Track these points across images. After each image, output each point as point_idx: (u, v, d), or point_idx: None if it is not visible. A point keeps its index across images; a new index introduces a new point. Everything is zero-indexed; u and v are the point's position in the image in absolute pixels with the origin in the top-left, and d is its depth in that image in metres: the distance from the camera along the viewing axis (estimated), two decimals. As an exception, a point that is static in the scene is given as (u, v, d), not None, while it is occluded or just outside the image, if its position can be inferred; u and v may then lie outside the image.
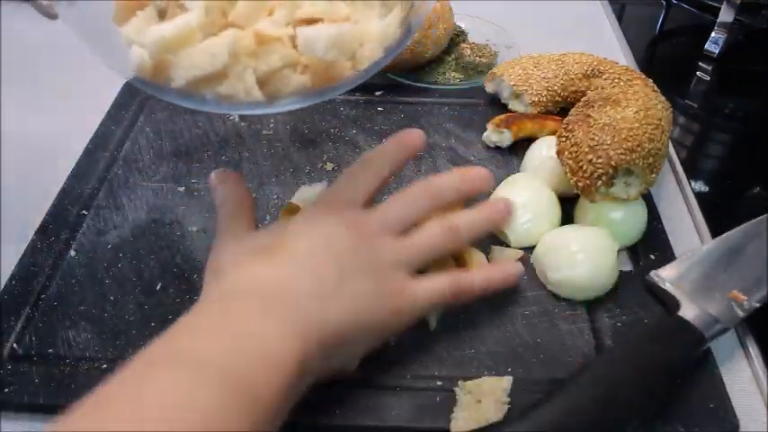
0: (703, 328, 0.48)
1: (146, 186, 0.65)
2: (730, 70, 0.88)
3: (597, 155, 0.54)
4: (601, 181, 0.54)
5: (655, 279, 0.54)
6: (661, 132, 0.56)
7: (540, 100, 0.69)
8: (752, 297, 0.51)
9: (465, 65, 0.80)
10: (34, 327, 0.52)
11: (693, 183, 0.67)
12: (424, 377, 0.48)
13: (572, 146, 0.57)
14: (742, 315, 0.50)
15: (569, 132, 0.58)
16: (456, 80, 0.79)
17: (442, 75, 0.79)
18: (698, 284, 0.52)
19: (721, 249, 0.55)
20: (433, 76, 0.79)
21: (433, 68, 0.80)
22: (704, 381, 0.48)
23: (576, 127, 0.57)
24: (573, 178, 0.56)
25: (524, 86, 0.70)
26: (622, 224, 0.56)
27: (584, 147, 0.55)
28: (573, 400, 0.43)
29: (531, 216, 0.57)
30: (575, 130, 0.57)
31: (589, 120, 0.57)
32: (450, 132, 0.71)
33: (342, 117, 0.73)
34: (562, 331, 0.51)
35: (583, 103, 0.61)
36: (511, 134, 0.67)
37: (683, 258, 0.55)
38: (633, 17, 1.00)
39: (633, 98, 0.58)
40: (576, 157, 0.56)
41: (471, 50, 0.81)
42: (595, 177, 0.54)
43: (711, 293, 0.51)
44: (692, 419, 0.45)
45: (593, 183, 0.55)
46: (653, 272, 0.54)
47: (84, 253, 0.58)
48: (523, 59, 0.73)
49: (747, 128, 0.80)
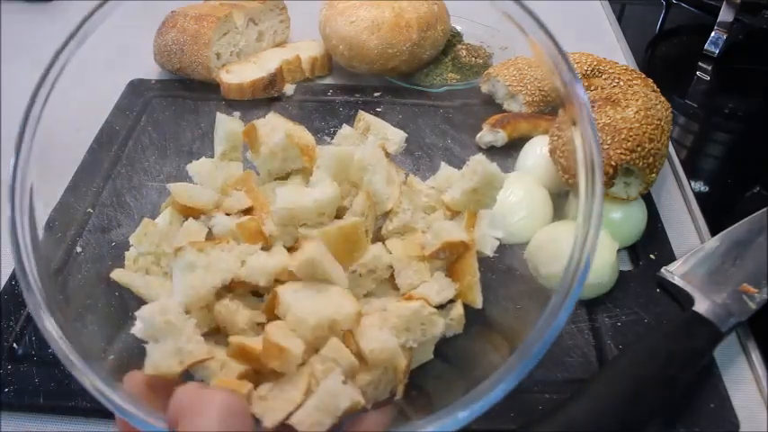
0: (719, 323, 0.48)
1: (149, 185, 0.65)
2: (730, 70, 0.88)
3: None
4: None
5: (666, 275, 0.54)
6: (661, 132, 0.56)
7: (535, 100, 0.69)
8: (763, 289, 0.51)
9: (461, 65, 0.80)
10: (34, 327, 0.52)
11: (693, 183, 0.67)
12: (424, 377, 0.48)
13: (563, 144, 0.57)
14: (754, 308, 0.50)
15: (561, 131, 0.58)
16: (453, 81, 0.79)
17: (439, 76, 0.79)
18: (708, 279, 0.52)
19: (727, 243, 0.55)
20: (430, 77, 0.79)
21: (431, 70, 0.80)
22: (704, 381, 0.48)
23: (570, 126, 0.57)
24: (565, 176, 0.56)
25: (519, 87, 0.70)
26: (622, 224, 0.56)
27: None
28: (598, 398, 0.43)
29: (526, 213, 0.57)
30: (567, 128, 0.57)
31: None
32: (446, 133, 0.71)
33: (341, 117, 0.73)
34: (562, 331, 0.51)
35: None
36: (506, 134, 0.67)
37: (692, 253, 0.55)
38: (633, 17, 1.00)
39: (633, 98, 0.58)
40: (568, 156, 0.56)
41: (467, 51, 0.82)
42: None
43: (722, 287, 0.51)
44: (692, 419, 0.45)
45: None
46: (663, 268, 0.54)
47: (84, 253, 0.58)
48: (518, 60, 0.73)
49: (747, 128, 0.80)
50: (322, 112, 0.74)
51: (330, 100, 0.76)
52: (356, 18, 0.74)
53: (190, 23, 0.76)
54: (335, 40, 0.75)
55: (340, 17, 0.75)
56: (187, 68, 0.76)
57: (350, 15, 0.74)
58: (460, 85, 0.78)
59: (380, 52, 0.74)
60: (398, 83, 0.78)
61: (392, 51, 0.74)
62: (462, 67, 0.80)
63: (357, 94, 0.77)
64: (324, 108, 0.75)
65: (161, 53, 0.78)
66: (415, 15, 0.74)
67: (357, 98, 0.76)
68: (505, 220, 0.57)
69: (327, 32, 0.76)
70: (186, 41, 0.75)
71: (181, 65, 0.77)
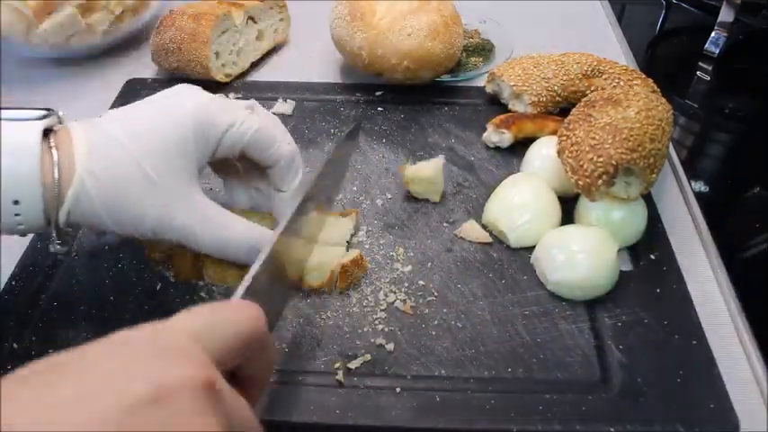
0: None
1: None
2: (730, 70, 0.88)
3: (598, 154, 0.54)
4: (601, 180, 0.54)
5: None
6: (662, 133, 0.56)
7: (540, 100, 0.69)
8: None
9: (474, 48, 0.82)
10: (34, 327, 0.52)
11: (693, 183, 0.67)
12: (424, 377, 0.49)
13: (572, 145, 0.57)
14: None
15: (570, 132, 0.58)
16: (478, 64, 0.81)
17: (467, 64, 0.81)
18: None
19: None
20: (463, 67, 0.81)
21: (461, 60, 0.81)
22: (704, 381, 0.48)
23: (577, 126, 0.57)
24: (573, 177, 0.56)
25: (524, 87, 0.70)
26: (622, 224, 0.56)
27: (585, 146, 0.55)
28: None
29: (531, 216, 0.57)
30: (576, 129, 0.57)
31: (590, 119, 0.57)
32: (449, 132, 0.71)
33: (342, 117, 0.73)
34: (562, 331, 0.51)
35: (584, 102, 0.61)
36: (511, 134, 0.67)
37: None
38: (633, 17, 1.00)
39: (634, 99, 0.58)
40: (576, 156, 0.56)
41: (473, 36, 0.85)
42: (596, 176, 0.54)
43: None
44: (692, 419, 0.45)
45: (593, 182, 0.55)
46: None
47: (84, 253, 0.58)
48: (523, 59, 0.73)
49: (747, 128, 0.80)
50: (323, 112, 0.74)
51: (331, 99, 0.76)
52: (411, 29, 0.70)
53: (188, 22, 0.76)
54: (396, 58, 0.70)
55: (390, 34, 0.70)
56: (185, 67, 0.76)
57: (401, 29, 0.70)
58: (485, 66, 0.80)
59: (446, 55, 0.72)
60: (448, 81, 0.78)
61: (453, 51, 0.73)
62: (476, 49, 0.82)
63: (358, 93, 0.76)
64: (324, 108, 0.75)
65: (158, 52, 0.78)
66: (449, 9, 0.74)
67: (359, 97, 0.76)
68: (510, 222, 0.57)
69: (381, 53, 0.71)
70: (184, 40, 0.75)
71: (178, 64, 0.76)
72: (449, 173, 0.66)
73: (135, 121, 0.46)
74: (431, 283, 0.55)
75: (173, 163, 0.45)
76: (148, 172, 0.44)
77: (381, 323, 0.52)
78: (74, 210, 0.43)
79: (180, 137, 0.45)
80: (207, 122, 0.46)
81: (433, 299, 0.54)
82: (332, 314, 0.53)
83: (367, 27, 0.72)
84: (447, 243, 0.59)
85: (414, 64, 0.71)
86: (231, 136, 0.48)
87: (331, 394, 0.47)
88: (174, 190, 0.45)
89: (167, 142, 0.45)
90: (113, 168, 0.44)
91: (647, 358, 0.49)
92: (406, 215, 0.62)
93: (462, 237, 0.59)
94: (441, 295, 0.54)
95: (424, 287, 0.55)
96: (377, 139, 0.70)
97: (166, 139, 0.45)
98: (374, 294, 0.54)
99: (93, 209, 0.44)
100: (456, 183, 0.65)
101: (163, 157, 0.45)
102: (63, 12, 0.77)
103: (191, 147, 0.46)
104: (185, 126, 0.46)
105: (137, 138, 0.44)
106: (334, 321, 0.52)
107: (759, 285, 0.60)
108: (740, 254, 0.64)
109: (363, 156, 0.68)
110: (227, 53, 0.78)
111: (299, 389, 0.48)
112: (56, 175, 0.42)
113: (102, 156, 0.44)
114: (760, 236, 0.65)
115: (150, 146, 0.45)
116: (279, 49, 0.87)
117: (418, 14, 0.71)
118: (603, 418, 0.46)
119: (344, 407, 0.46)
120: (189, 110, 0.46)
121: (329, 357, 0.50)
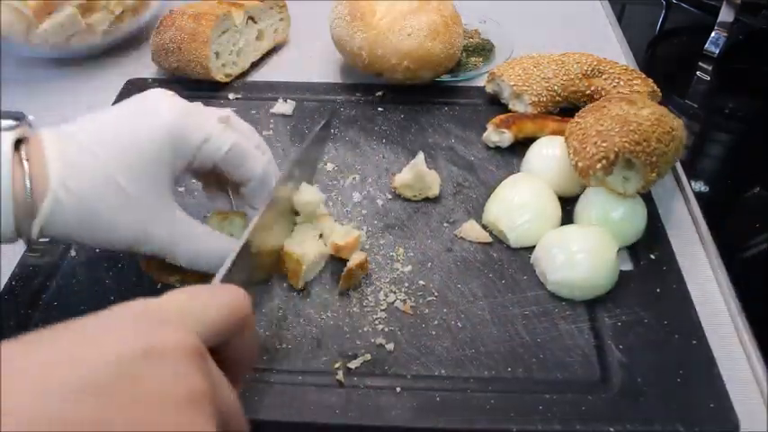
0: None
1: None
2: (730, 70, 0.88)
3: (603, 139, 0.55)
4: (600, 164, 0.54)
5: None
6: (671, 139, 0.56)
7: (540, 100, 0.69)
8: None
9: (474, 47, 0.82)
10: (34, 327, 0.52)
11: (693, 183, 0.67)
12: (423, 377, 0.49)
13: (580, 129, 0.57)
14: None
15: (581, 119, 0.59)
16: (479, 63, 0.81)
17: (467, 63, 0.81)
18: None
19: None
20: (463, 67, 0.81)
21: (461, 59, 0.81)
22: (704, 381, 0.48)
23: (588, 114, 0.59)
24: (574, 159, 0.56)
25: (524, 86, 0.70)
26: (622, 224, 0.56)
27: (592, 131, 0.56)
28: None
29: (531, 216, 0.57)
30: (586, 116, 0.58)
31: (603, 110, 0.58)
32: (449, 132, 0.71)
33: (342, 117, 0.73)
34: (562, 331, 0.51)
35: (602, 99, 0.61)
36: (511, 134, 0.67)
37: None
38: (633, 17, 1.00)
39: (650, 104, 0.58)
40: (581, 139, 0.56)
41: (473, 36, 0.85)
42: (596, 160, 0.54)
43: None
44: (692, 419, 0.45)
45: (592, 164, 0.55)
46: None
47: (84, 253, 0.58)
48: (523, 59, 0.73)
49: (747, 128, 0.80)
50: (323, 112, 0.74)
51: (331, 99, 0.76)
52: (411, 29, 0.70)
53: (188, 22, 0.76)
54: (396, 58, 0.70)
55: (390, 34, 0.70)
56: (185, 67, 0.76)
57: (401, 29, 0.70)
58: (485, 66, 0.80)
59: (446, 55, 0.72)
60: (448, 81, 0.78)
61: (453, 51, 0.73)
62: (476, 49, 0.82)
63: (358, 93, 0.76)
64: (324, 108, 0.74)
65: (158, 52, 0.78)
66: (449, 9, 0.74)
67: (359, 97, 0.76)
68: (510, 222, 0.57)
69: (381, 53, 0.71)
70: (184, 40, 0.75)
71: (178, 64, 0.76)
72: (449, 173, 0.66)
73: (108, 132, 0.45)
74: (431, 283, 0.55)
75: (147, 176, 0.45)
76: (123, 185, 0.44)
77: (381, 323, 0.52)
78: (47, 224, 0.43)
79: (155, 150, 0.45)
80: (180, 137, 0.46)
81: (433, 299, 0.54)
82: (332, 314, 0.53)
83: (367, 27, 0.72)
84: (447, 243, 0.59)
85: (414, 64, 0.71)
86: (205, 151, 0.47)
87: (331, 394, 0.47)
88: (149, 203, 0.45)
89: (142, 155, 0.44)
90: (87, 181, 0.43)
91: (647, 358, 0.49)
92: (406, 215, 0.62)
93: (462, 237, 0.59)
94: (441, 295, 0.54)
95: (424, 287, 0.55)
96: (377, 139, 0.70)
97: (141, 152, 0.44)
98: (374, 294, 0.54)
99: (66, 222, 0.43)
100: (456, 183, 0.65)
101: (137, 170, 0.44)
102: (63, 12, 0.77)
103: (166, 160, 0.45)
104: (161, 140, 0.45)
105: (110, 149, 0.44)
106: (335, 321, 0.52)
107: (759, 285, 0.60)
108: (740, 254, 0.64)
109: (363, 156, 0.68)
110: (228, 53, 0.78)
111: (298, 389, 0.48)
112: (28, 187, 0.42)
113: (76, 169, 0.43)
114: (760, 236, 0.65)
115: (125, 158, 0.44)
116: (279, 49, 0.87)
117: (418, 14, 0.71)
118: (603, 417, 0.46)
119: (344, 407, 0.46)
120: (164, 122, 0.45)
121: (329, 357, 0.50)
